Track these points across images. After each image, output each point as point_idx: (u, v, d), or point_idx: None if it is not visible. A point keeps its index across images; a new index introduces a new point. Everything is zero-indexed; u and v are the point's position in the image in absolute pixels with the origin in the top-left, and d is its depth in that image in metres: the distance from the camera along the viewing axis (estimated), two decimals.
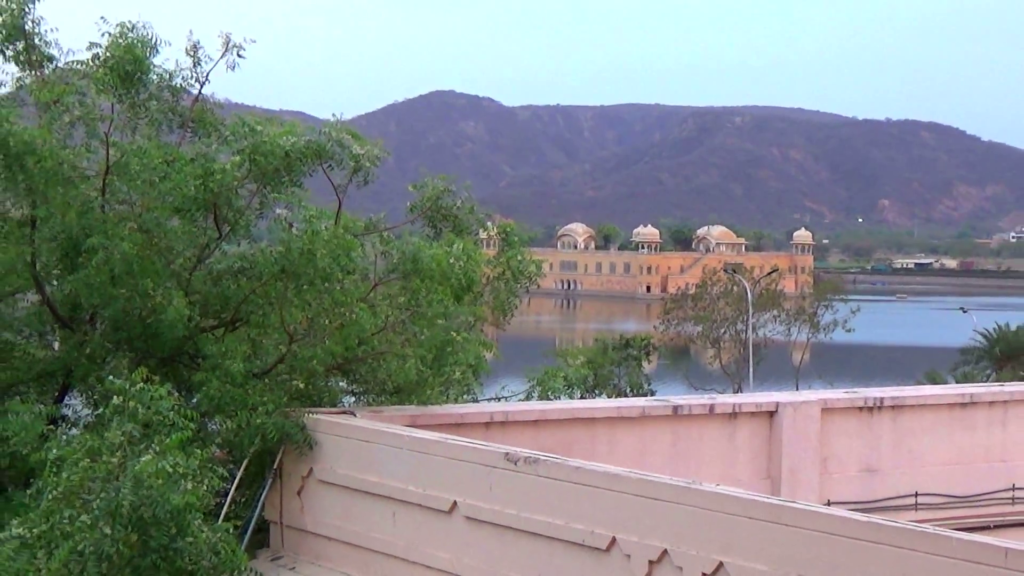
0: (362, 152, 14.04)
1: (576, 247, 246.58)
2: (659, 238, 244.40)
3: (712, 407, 14.46)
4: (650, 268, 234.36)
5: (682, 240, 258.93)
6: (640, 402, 15.27)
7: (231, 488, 12.48)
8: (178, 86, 14.26)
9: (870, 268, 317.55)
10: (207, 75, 14.26)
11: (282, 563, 13.06)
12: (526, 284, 16.01)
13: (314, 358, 13.04)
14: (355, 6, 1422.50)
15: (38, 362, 13.89)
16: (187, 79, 14.26)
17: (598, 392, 52.42)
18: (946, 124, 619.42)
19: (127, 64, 13.59)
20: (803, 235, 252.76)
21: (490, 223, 16.60)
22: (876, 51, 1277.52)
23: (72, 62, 14.04)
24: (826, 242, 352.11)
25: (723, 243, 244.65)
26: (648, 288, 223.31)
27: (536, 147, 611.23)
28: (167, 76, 14.11)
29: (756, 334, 71.02)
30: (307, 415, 12.85)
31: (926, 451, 15.33)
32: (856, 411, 15.08)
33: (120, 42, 13.61)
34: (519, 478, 10.91)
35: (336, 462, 12.69)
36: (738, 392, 56.34)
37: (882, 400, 15.22)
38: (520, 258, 15.77)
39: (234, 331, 13.75)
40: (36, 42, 14.00)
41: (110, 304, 13.11)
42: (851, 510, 10.47)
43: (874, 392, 15.53)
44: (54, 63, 14.15)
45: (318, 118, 15.08)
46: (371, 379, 13.91)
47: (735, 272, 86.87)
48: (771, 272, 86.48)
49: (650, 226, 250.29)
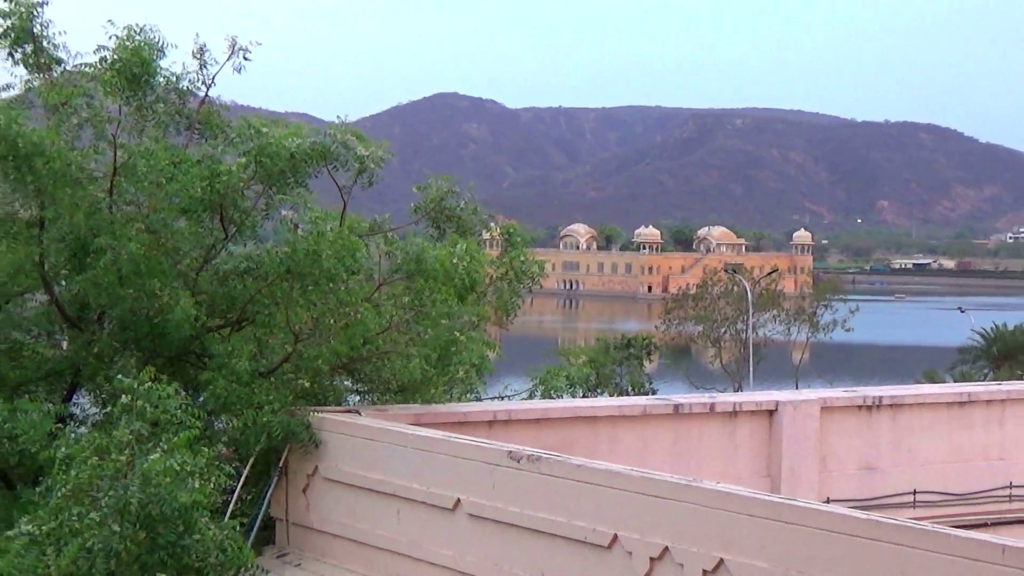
0: (366, 154, 14.10)
1: (578, 248, 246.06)
2: (660, 239, 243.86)
3: (713, 406, 14.50)
4: (651, 268, 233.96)
5: (683, 241, 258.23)
6: (641, 401, 15.33)
7: (237, 486, 12.54)
8: (185, 88, 14.32)
9: (869, 268, 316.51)
10: (213, 77, 14.33)
11: (288, 560, 13.13)
12: (529, 284, 16.07)
13: (319, 357, 13.13)
14: (360, 9, 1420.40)
15: (47, 361, 13.96)
16: (194, 81, 14.32)
17: (600, 391, 52.30)
18: (944, 126, 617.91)
19: (134, 67, 13.64)
20: (803, 236, 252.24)
21: (493, 224, 16.62)
22: (875, 53, 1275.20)
23: (80, 65, 14.08)
24: (825, 242, 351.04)
25: (723, 243, 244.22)
26: (649, 288, 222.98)
27: (538, 148, 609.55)
28: (174, 79, 14.18)
29: (756, 334, 70.93)
30: (312, 414, 12.95)
31: (924, 449, 15.35)
32: (855, 410, 15.11)
33: (127, 45, 13.67)
34: (522, 476, 10.98)
35: (341, 460, 12.77)
36: (738, 391, 56.29)
37: (881, 399, 15.25)
38: (523, 258, 15.83)
39: (240, 331, 13.83)
40: (44, 45, 14.05)
41: (118, 304, 13.20)
42: (850, 508, 10.49)
43: (873, 391, 15.53)
44: (62, 66, 14.19)
45: (323, 120, 15.12)
46: (376, 378, 13.96)
47: (735, 272, 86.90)
48: (771, 272, 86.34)
49: (651, 227, 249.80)
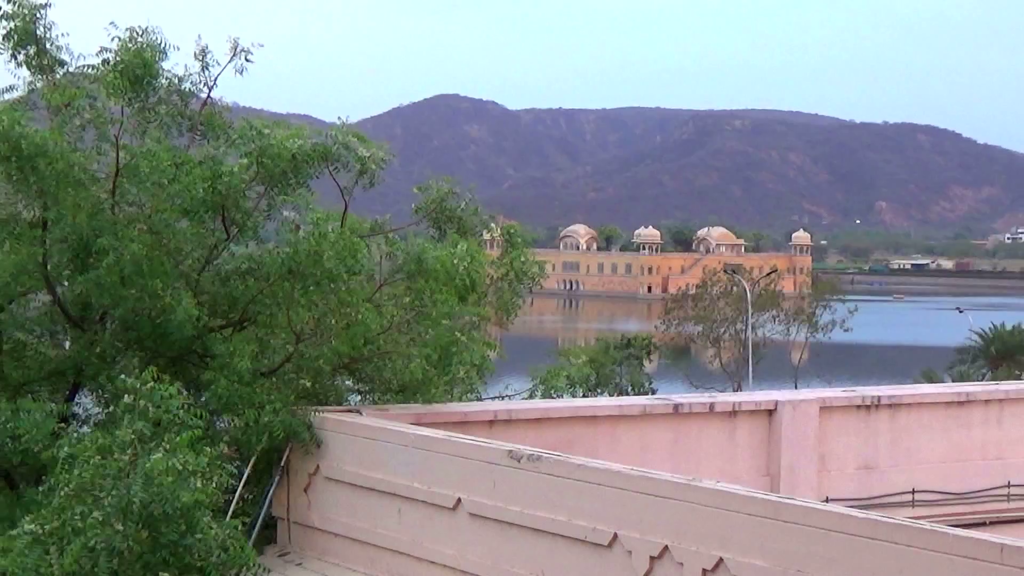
0: (368, 155, 14.11)
1: (578, 248, 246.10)
2: (660, 239, 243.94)
3: (712, 405, 14.51)
4: (651, 269, 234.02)
5: (682, 241, 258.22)
6: (641, 400, 15.38)
7: (239, 485, 12.56)
8: (187, 90, 14.33)
9: (868, 269, 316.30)
10: (215, 79, 14.33)
11: (289, 559, 13.16)
12: (529, 284, 16.11)
13: (321, 357, 13.17)
14: (361, 11, 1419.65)
15: (49, 361, 13.97)
16: (196, 83, 14.32)
17: (600, 391, 52.36)
18: (942, 127, 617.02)
19: (137, 68, 13.64)
20: (802, 236, 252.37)
21: (494, 224, 16.63)
22: (873, 55, 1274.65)
23: (83, 66, 14.09)
24: (824, 243, 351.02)
25: (723, 244, 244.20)
26: (649, 288, 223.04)
27: (539, 150, 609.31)
28: (176, 80, 14.18)
29: (755, 334, 71.02)
30: (314, 413, 12.98)
31: (923, 448, 15.36)
32: (854, 409, 15.11)
33: (130, 47, 13.65)
34: (522, 475, 11.02)
35: (342, 459, 12.80)
36: (738, 391, 56.33)
37: (879, 398, 15.25)
38: (523, 259, 15.85)
39: (242, 331, 13.84)
40: (47, 47, 14.05)
41: (120, 304, 13.21)
42: (849, 507, 10.55)
43: (872, 391, 15.52)
44: (65, 67, 14.19)
45: (324, 121, 15.15)
46: (377, 378, 13.98)
47: (735, 273, 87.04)
48: (770, 273, 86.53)
49: (651, 227, 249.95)
